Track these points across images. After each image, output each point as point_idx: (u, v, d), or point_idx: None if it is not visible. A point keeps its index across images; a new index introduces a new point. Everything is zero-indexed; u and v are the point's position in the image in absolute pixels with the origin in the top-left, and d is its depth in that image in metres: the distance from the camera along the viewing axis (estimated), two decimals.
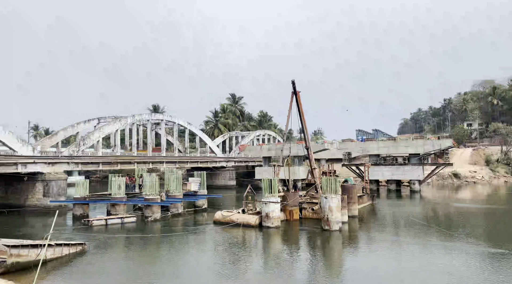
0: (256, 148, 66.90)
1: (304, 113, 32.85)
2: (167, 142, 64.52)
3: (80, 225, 28.32)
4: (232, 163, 72.57)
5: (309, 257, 19.49)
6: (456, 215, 33.19)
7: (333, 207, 24.93)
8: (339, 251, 21.07)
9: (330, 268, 17.40)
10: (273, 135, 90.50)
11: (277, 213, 26.16)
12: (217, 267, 17.43)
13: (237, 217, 27.35)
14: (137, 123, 56.15)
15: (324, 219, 25.20)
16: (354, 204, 30.85)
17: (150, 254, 19.96)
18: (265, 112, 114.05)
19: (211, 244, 22.47)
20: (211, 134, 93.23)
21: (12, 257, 15.56)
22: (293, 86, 32.44)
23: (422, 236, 23.61)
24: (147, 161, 53.19)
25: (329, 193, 25.82)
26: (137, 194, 35.86)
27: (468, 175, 70.50)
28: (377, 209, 36.24)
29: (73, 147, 43.03)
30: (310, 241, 23.25)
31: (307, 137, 33.68)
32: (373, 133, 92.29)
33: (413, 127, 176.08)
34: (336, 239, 23.23)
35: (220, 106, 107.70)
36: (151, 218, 30.13)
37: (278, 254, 20.42)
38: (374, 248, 21.00)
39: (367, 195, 39.15)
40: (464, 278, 15.20)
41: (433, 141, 55.46)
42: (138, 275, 16.18)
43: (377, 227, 27.49)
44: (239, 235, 24.38)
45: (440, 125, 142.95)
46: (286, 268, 17.34)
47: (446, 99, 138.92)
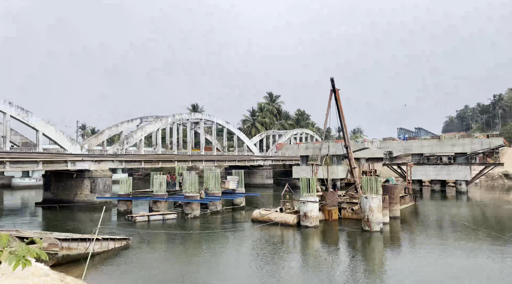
0: (293, 146, 66.51)
1: (343, 111, 32.23)
2: (206, 140, 65.70)
3: (124, 220, 29.48)
4: (269, 162, 72.65)
5: (349, 258, 19.11)
6: (508, 218, 31.26)
7: (373, 207, 24.29)
8: (380, 253, 20.49)
9: (370, 270, 16.96)
10: (310, 134, 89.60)
11: (316, 212, 25.87)
12: (255, 265, 17.52)
13: (275, 215, 27.33)
14: (177, 123, 57.60)
15: (365, 220, 24.61)
16: (396, 204, 29.89)
17: (190, 250, 20.41)
18: (302, 110, 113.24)
19: (250, 242, 22.61)
20: (248, 133, 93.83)
21: (63, 250, 16.48)
22: (332, 84, 31.93)
23: (469, 239, 22.44)
24: (187, 159, 54.43)
25: (369, 192, 25.19)
26: (177, 192, 36.80)
27: None
28: (420, 210, 34.89)
29: (117, 145, 44.88)
30: (349, 241, 22.79)
31: (347, 136, 33.03)
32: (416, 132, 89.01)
33: (459, 126, 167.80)
34: (377, 240, 22.61)
35: (257, 105, 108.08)
36: (191, 215, 30.80)
37: (316, 254, 20.19)
38: (417, 251, 20.22)
39: (410, 195, 37.79)
40: None
41: (481, 140, 52.54)
42: (178, 270, 16.60)
43: (420, 229, 26.45)
44: (277, 233, 24.35)
45: (489, 123, 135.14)
46: (325, 269, 17.10)
47: (496, 96, 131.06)
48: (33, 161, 34.70)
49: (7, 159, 32.52)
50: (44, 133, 35.97)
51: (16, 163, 33.82)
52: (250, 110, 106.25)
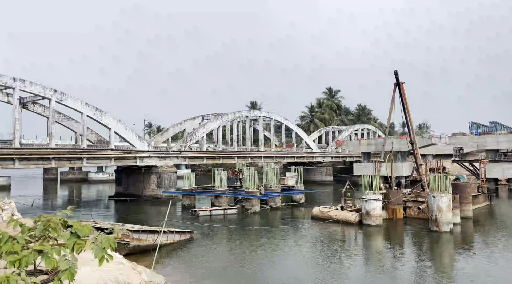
0: (354, 142, 64.69)
1: (408, 105, 30.68)
2: (264, 137, 66.28)
3: (188, 214, 30.81)
4: (329, 158, 71.40)
5: (415, 258, 18.22)
6: None
7: (442, 206, 22.86)
8: (450, 255, 19.27)
9: (439, 272, 16.02)
10: (372, 130, 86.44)
11: (379, 211, 24.97)
12: (316, 262, 17.38)
13: (336, 213, 26.85)
14: (237, 120, 58.80)
15: (432, 219, 23.27)
16: (468, 204, 27.84)
17: (251, 245, 20.78)
18: (363, 105, 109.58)
19: (310, 239, 22.47)
20: (307, 129, 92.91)
21: (134, 240, 17.66)
22: (396, 77, 30.51)
23: None
24: (246, 155, 55.37)
25: (437, 191, 23.74)
26: (238, 187, 37.61)
27: None
28: (496, 211, 32.19)
29: (181, 142, 46.93)
30: (415, 241, 21.70)
31: (412, 131, 31.38)
32: (490, 126, 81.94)
33: None
34: (446, 242, 21.28)
35: (316, 101, 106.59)
36: (251, 211, 31.33)
37: (380, 253, 19.53)
38: (490, 254, 18.69)
39: (484, 194, 34.96)
40: None
41: None
42: (240, 263, 17.01)
43: (495, 230, 24.41)
44: (338, 231, 23.92)
45: None
46: (389, 269, 16.49)
47: None
48: (106, 157, 37.53)
49: (84, 155, 35.52)
50: (116, 132, 38.69)
51: (92, 159, 36.81)
52: (309, 106, 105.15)
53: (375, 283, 14.48)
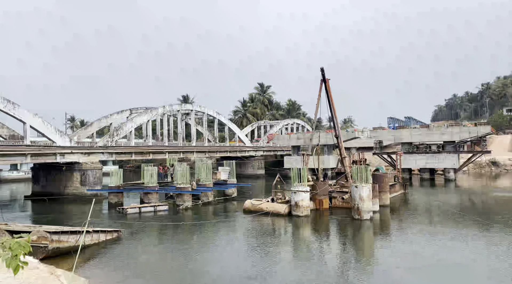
0: (284, 137, 66.66)
1: (333, 101, 32.30)
2: (197, 132, 65.46)
3: (115, 212, 29.38)
4: (261, 152, 72.76)
5: (339, 246, 19.37)
6: (495, 205, 31.90)
7: (363, 196, 24.55)
8: (370, 240, 20.78)
9: (361, 258, 17.22)
10: (302, 124, 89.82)
11: (307, 202, 26.07)
12: (247, 255, 17.65)
13: (267, 205, 27.48)
14: (167, 114, 57.24)
15: (355, 208, 24.89)
16: (386, 193, 30.24)
17: (182, 241, 20.45)
18: (293, 101, 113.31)
19: (242, 232, 22.74)
20: (239, 124, 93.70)
21: (53, 242, 16.36)
22: (322, 74, 31.91)
23: (458, 226, 22.86)
24: (178, 150, 54.21)
25: (359, 181, 25.42)
26: (169, 183, 36.72)
27: (508, 162, 67.37)
28: (410, 198, 35.39)
29: (107, 137, 44.47)
30: (340, 230, 23.06)
31: (337, 126, 33.16)
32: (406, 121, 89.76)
33: (448, 114, 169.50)
34: (366, 228, 22.91)
35: (248, 96, 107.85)
36: (183, 206, 30.81)
37: (308, 242, 20.42)
38: (406, 238, 20.54)
39: (399, 184, 38.23)
40: (505, 272, 14.62)
41: (469, 128, 53.22)
42: (170, 261, 16.66)
43: (410, 216, 26.86)
44: (269, 223, 24.52)
45: (477, 111, 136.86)
46: (316, 257, 17.32)
47: (484, 84, 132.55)
48: (21, 153, 34.23)
49: None
50: (32, 126, 35.44)
51: (3, 156, 33.32)
52: (241, 101, 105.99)
53: (303, 271, 15.09)
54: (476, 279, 14.04)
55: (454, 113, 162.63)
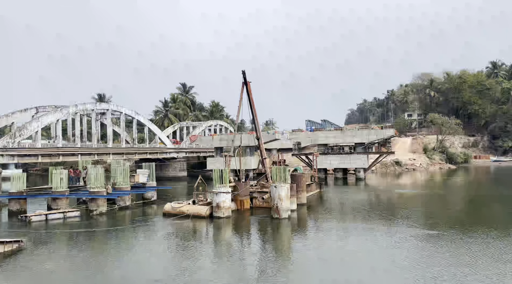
0: (207, 138, 66.28)
1: (254, 103, 32.98)
2: (113, 132, 61.95)
3: (17, 221, 26.48)
4: (183, 154, 71.40)
5: (259, 244, 19.80)
6: (397, 200, 35.27)
7: (282, 195, 25.41)
8: (288, 238, 21.59)
9: (279, 254, 17.77)
10: (225, 126, 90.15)
11: (228, 203, 26.19)
12: (167, 259, 17.15)
13: (187, 208, 27.01)
14: (80, 113, 53.30)
15: (274, 208, 25.64)
16: (303, 192, 31.67)
17: (95, 248, 19.15)
18: (217, 102, 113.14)
19: (161, 236, 22.04)
20: (161, 124, 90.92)
21: None
22: (243, 76, 32.38)
23: (366, 221, 24.82)
24: (92, 152, 50.76)
25: (278, 182, 26.26)
26: (81, 187, 34.17)
27: (408, 162, 75.09)
28: (325, 197, 37.53)
29: (7, 138, 39.92)
30: (260, 229, 23.58)
31: (258, 128, 33.92)
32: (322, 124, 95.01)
33: (359, 118, 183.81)
34: (285, 227, 23.75)
35: (170, 96, 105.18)
36: (97, 212, 28.89)
37: (228, 243, 20.52)
38: (321, 234, 21.76)
39: (316, 183, 40.35)
40: (402, 259, 16.21)
41: (376, 131, 58.26)
42: (82, 270, 15.47)
43: (325, 213, 28.50)
44: (190, 226, 24.12)
45: (384, 115, 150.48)
46: (237, 256, 17.47)
47: (390, 91, 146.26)
48: None
49: None
50: None
51: None
52: (163, 101, 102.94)
53: (224, 272, 15.11)
54: (378, 266, 15.36)
55: (365, 117, 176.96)
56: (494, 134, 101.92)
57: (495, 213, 27.72)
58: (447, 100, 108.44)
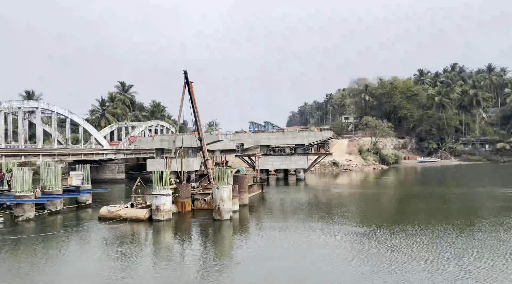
0: (147, 139, 64.26)
1: (196, 104, 32.61)
2: (44, 132, 57.68)
3: None
4: (121, 155, 68.46)
5: (200, 247, 19.59)
6: (334, 200, 36.84)
7: (224, 196, 25.37)
8: (230, 239, 21.60)
9: (220, 256, 17.71)
10: (166, 126, 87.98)
11: (168, 205, 25.57)
12: (102, 266, 16.29)
13: (125, 211, 25.94)
14: (5, 111, 48.95)
15: (216, 209, 25.52)
16: (245, 193, 31.89)
17: (20, 258, 17.65)
18: (158, 102, 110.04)
19: (96, 241, 20.92)
20: (97, 124, 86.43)
21: None
22: (185, 77, 31.89)
23: (306, 220, 25.63)
24: (18, 153, 46.84)
25: (221, 183, 26.19)
26: (5, 192, 31.35)
27: (345, 163, 78.87)
28: (267, 197, 38.13)
29: None
30: (201, 231, 23.33)
31: (200, 129, 33.59)
32: (264, 125, 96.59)
33: (300, 120, 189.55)
34: (227, 228, 23.74)
35: (108, 95, 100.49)
36: (23, 218, 26.67)
37: (168, 246, 20.06)
38: (262, 233, 22.07)
39: (258, 184, 40.85)
40: (338, 254, 16.97)
41: (316, 133, 60.45)
42: (2, 282, 14.18)
43: (266, 213, 28.95)
44: (127, 230, 23.17)
45: (323, 118, 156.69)
46: (177, 260, 17.12)
47: (328, 94, 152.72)
48: None
49: None
50: None
51: None
52: (100, 100, 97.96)
53: (164, 276, 14.71)
54: (318, 263, 15.93)
55: (305, 119, 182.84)
56: (421, 137, 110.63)
57: (422, 209, 30.05)
58: (381, 105, 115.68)
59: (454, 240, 18.91)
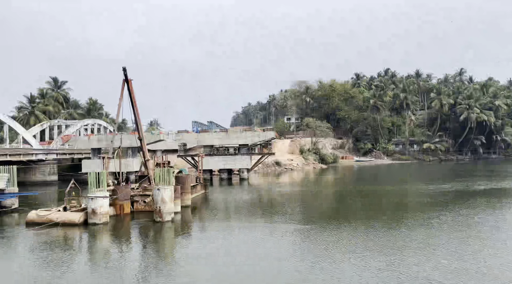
0: (83, 138, 60.85)
1: (136, 102, 31.46)
2: None
3: None
4: (53, 156, 63.89)
5: (140, 250, 18.97)
6: (277, 199, 37.59)
7: (165, 198, 24.76)
8: (171, 241, 21.17)
9: (161, 259, 17.25)
10: (104, 125, 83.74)
11: (106, 208, 24.38)
12: (30, 275, 15.08)
13: (57, 215, 24.26)
14: None
15: (157, 211, 24.83)
16: (188, 193, 31.39)
17: None
18: (94, 99, 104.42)
19: (21, 249, 19.36)
20: (25, 123, 79.91)
21: None
22: (124, 74, 30.60)
23: (249, 219, 25.87)
24: None
25: (162, 184, 25.55)
26: None
27: (287, 162, 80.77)
28: (210, 197, 37.87)
29: None
30: (141, 234, 22.57)
31: (140, 128, 32.43)
32: (208, 125, 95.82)
33: (244, 120, 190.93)
34: (168, 230, 23.20)
35: (38, 91, 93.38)
36: None
37: (105, 251, 19.12)
38: (205, 234, 21.92)
39: (201, 184, 40.41)
40: (279, 253, 17.33)
41: (259, 133, 61.22)
42: None
43: (209, 214, 28.76)
44: (60, 235, 21.73)
45: (266, 118, 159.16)
46: (116, 264, 16.36)
47: (271, 95, 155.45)
48: None
49: None
50: None
51: None
52: (28, 96, 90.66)
53: (99, 282, 13.99)
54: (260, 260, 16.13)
55: (249, 120, 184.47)
56: (357, 137, 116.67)
57: (358, 206, 31.70)
58: (320, 106, 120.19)
59: (383, 235, 20.20)
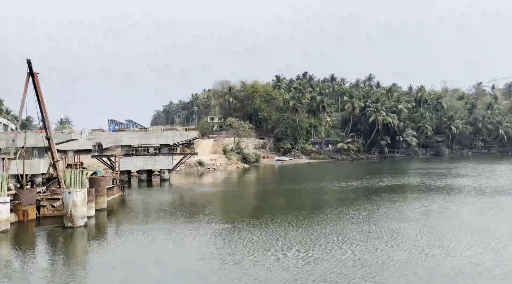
0: None
1: (43, 97, 28.80)
2: None
3: None
4: None
5: (47, 258, 17.46)
6: (199, 199, 37.26)
7: (77, 201, 23.03)
8: (84, 247, 19.84)
9: (73, 267, 16.04)
10: (4, 123, 75.01)
11: (5, 214, 21.91)
12: None
13: None
14: None
15: (67, 216, 22.99)
16: (103, 196, 29.62)
17: None
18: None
19: None
20: None
21: None
22: (28, 67, 27.84)
23: (170, 221, 25.22)
24: None
25: (74, 186, 23.72)
26: None
27: (210, 162, 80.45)
28: (128, 200, 36.17)
29: None
30: (49, 241, 20.76)
31: (48, 126, 29.77)
32: (126, 124, 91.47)
33: (165, 119, 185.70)
34: (80, 235, 21.66)
35: None
36: None
37: (6, 262, 17.13)
38: (121, 238, 20.89)
39: (118, 186, 38.36)
40: (200, 251, 17.21)
41: (181, 132, 60.05)
42: None
43: (127, 217, 27.47)
44: None
45: (188, 118, 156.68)
46: (18, 277, 14.77)
47: (194, 94, 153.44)
48: None
49: None
50: None
51: None
52: None
53: None
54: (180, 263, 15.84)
55: (171, 119, 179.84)
56: (278, 137, 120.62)
57: (278, 204, 32.79)
58: (243, 106, 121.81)
59: (300, 232, 21.22)
